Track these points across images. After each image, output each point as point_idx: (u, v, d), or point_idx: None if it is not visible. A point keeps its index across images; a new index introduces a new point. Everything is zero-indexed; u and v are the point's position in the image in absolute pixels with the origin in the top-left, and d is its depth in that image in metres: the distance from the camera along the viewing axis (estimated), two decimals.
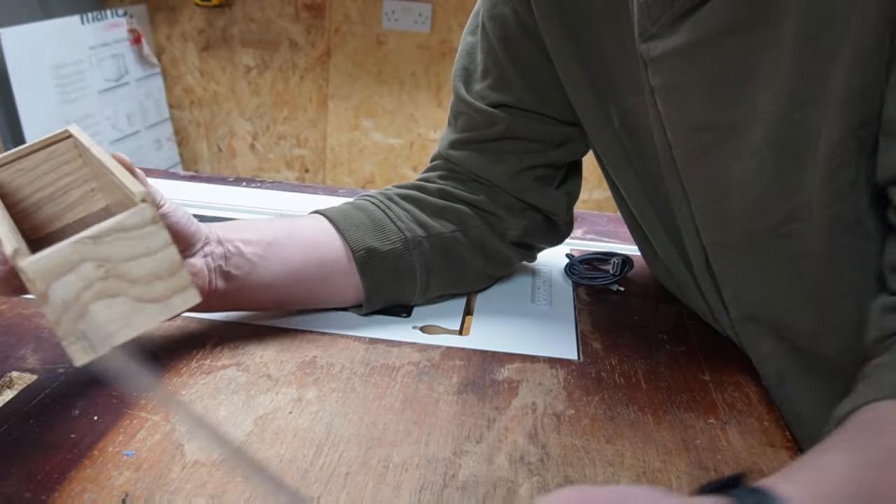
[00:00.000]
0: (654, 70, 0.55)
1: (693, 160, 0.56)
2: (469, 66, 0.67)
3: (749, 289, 0.59)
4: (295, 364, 0.58)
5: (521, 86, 0.64)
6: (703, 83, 0.52)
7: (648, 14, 0.53)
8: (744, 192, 0.53)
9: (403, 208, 0.66)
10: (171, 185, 0.98)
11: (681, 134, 0.56)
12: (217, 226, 0.59)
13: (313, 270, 0.62)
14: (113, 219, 0.35)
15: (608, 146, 0.64)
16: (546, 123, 0.66)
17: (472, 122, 0.67)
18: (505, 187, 0.68)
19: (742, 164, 0.53)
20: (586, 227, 0.94)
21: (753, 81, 0.50)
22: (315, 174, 2.41)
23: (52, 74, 1.90)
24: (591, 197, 2.15)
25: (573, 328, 0.68)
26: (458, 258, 0.68)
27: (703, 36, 0.50)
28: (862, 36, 0.43)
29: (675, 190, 0.60)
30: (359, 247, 0.62)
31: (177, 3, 2.28)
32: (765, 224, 0.53)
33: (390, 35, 2.18)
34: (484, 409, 0.55)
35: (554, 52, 0.62)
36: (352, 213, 0.64)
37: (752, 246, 0.56)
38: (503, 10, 0.63)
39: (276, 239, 0.60)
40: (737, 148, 0.52)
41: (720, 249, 0.59)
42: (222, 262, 0.57)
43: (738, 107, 0.51)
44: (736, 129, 0.52)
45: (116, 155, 0.45)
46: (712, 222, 0.58)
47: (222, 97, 2.37)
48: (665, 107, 0.55)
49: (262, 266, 0.59)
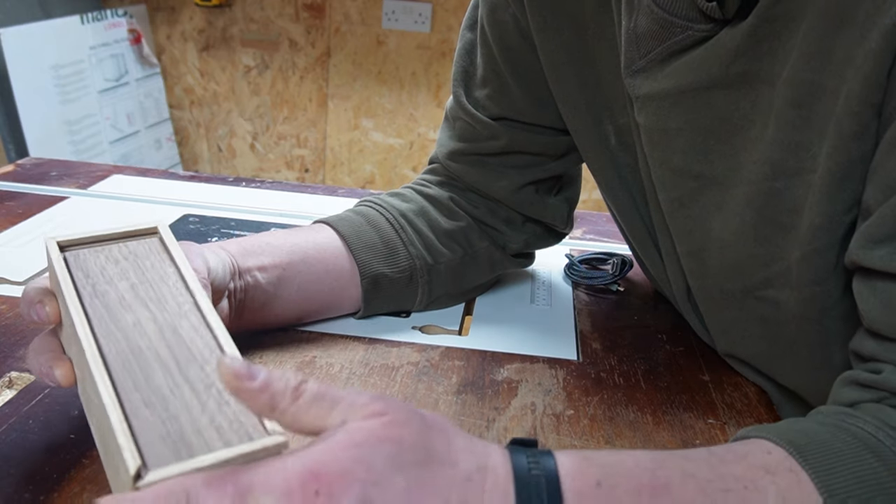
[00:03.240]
0: (639, 108, 0.54)
1: (677, 207, 0.55)
2: (469, 69, 0.66)
3: (729, 334, 0.58)
4: (294, 364, 0.58)
5: (522, 98, 0.63)
6: (688, 131, 0.51)
7: (637, 47, 0.52)
8: (722, 249, 0.52)
9: (415, 228, 0.65)
10: (171, 186, 0.98)
11: (664, 177, 0.55)
12: (233, 247, 0.57)
13: (324, 294, 0.62)
14: (245, 447, 0.32)
15: (603, 164, 0.63)
16: (546, 135, 0.65)
17: (473, 132, 0.66)
18: (506, 202, 0.67)
19: (722, 220, 0.51)
20: (586, 227, 0.94)
21: (740, 138, 0.48)
22: (315, 174, 2.41)
23: (52, 74, 1.90)
24: (591, 197, 2.15)
25: (572, 328, 0.68)
26: (463, 281, 0.68)
27: (690, 84, 0.49)
28: (845, 120, 0.41)
29: (661, 227, 0.59)
30: (367, 272, 0.62)
31: (177, 3, 2.28)
32: (741, 284, 0.52)
33: (390, 35, 2.18)
34: (483, 409, 0.55)
35: (549, 70, 0.61)
36: (365, 232, 0.63)
37: (729, 301, 0.55)
38: (503, 16, 0.62)
39: (290, 263, 0.59)
40: (718, 202, 0.51)
41: (703, 295, 0.58)
42: (242, 297, 0.57)
43: (722, 160, 0.50)
44: (718, 182, 0.51)
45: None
46: (694, 270, 0.57)
47: (222, 97, 2.37)
48: (649, 147, 0.55)
49: (277, 296, 0.59)
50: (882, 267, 0.40)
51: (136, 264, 0.42)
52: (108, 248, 0.43)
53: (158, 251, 0.44)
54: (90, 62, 2.03)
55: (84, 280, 0.41)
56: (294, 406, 0.32)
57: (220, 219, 0.87)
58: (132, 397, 0.34)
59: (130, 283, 0.41)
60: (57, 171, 1.00)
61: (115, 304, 0.39)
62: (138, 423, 0.33)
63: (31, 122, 1.83)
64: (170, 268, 0.42)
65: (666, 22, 0.49)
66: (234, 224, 0.86)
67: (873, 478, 0.35)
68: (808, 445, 0.37)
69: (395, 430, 0.31)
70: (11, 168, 1.01)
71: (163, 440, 0.32)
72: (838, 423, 0.39)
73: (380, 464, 0.30)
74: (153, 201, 0.92)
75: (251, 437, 0.33)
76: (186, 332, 0.38)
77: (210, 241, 0.80)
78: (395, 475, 0.30)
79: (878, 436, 0.37)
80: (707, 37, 0.48)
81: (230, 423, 0.33)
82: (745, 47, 0.46)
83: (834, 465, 0.36)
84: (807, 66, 0.43)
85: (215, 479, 0.29)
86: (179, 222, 0.85)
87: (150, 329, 0.38)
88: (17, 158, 1.48)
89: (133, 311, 0.39)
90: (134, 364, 0.36)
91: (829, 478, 0.35)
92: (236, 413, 0.34)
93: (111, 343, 0.37)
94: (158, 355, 0.37)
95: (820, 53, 0.42)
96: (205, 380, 0.36)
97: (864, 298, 0.42)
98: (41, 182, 0.95)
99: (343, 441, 0.31)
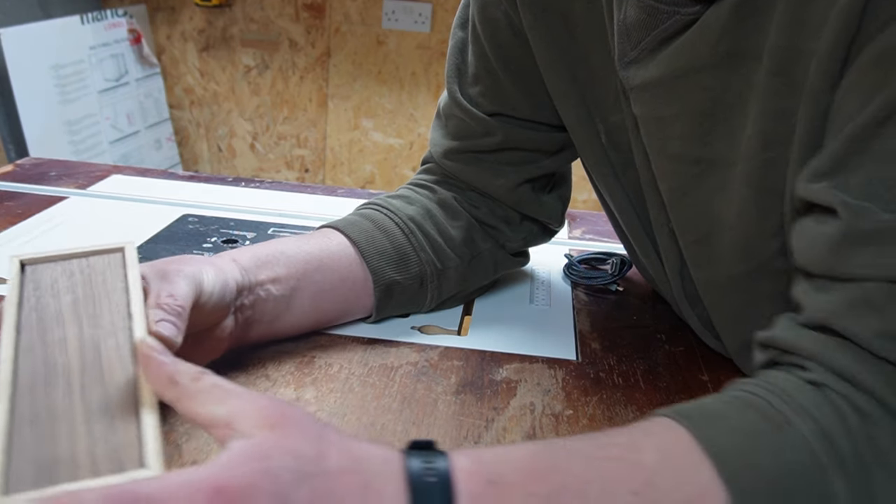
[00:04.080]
0: (634, 99, 0.54)
1: (680, 196, 0.54)
2: (461, 66, 0.66)
3: (742, 321, 0.57)
4: (293, 364, 0.58)
5: (516, 94, 0.63)
6: (684, 116, 0.51)
7: (628, 38, 0.52)
8: (729, 231, 0.52)
9: (425, 233, 0.64)
10: (170, 186, 0.98)
11: (664, 166, 0.54)
12: (245, 259, 0.56)
13: (338, 304, 0.62)
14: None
15: (597, 160, 0.62)
16: (541, 131, 0.65)
17: (467, 129, 0.66)
18: (504, 200, 0.67)
19: (726, 202, 0.51)
20: (585, 227, 0.94)
21: (735, 117, 0.48)
22: (315, 174, 2.41)
23: (52, 74, 1.91)
24: (591, 197, 2.15)
25: (572, 328, 0.68)
26: (469, 284, 0.68)
27: (682, 68, 0.49)
28: (817, 80, 0.41)
29: (659, 223, 0.59)
30: (381, 281, 0.62)
31: (177, 3, 2.28)
32: (754, 263, 0.52)
33: (390, 35, 2.19)
34: (482, 409, 0.55)
35: (543, 66, 0.61)
36: (377, 239, 0.63)
37: (737, 287, 0.54)
38: (494, 13, 0.61)
39: (305, 273, 0.58)
40: (720, 184, 0.51)
41: (710, 285, 0.58)
42: (251, 312, 0.55)
43: (720, 142, 0.50)
44: (718, 164, 0.50)
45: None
46: (700, 260, 0.56)
47: (222, 97, 2.37)
48: (647, 136, 0.54)
49: (289, 308, 0.58)
50: (818, 199, 0.40)
51: (88, 279, 0.43)
52: (68, 262, 0.44)
53: (117, 268, 0.44)
54: (90, 62, 2.03)
55: (32, 292, 0.41)
56: (193, 386, 0.34)
57: (219, 219, 0.87)
58: (23, 412, 0.35)
59: (74, 297, 0.41)
60: (56, 171, 1.00)
61: (51, 318, 0.40)
62: (18, 441, 0.33)
63: (31, 122, 1.83)
64: (120, 284, 0.42)
65: (653, 9, 0.49)
66: (233, 224, 0.86)
67: (750, 426, 0.37)
68: (691, 410, 0.38)
69: (295, 442, 0.32)
70: (10, 168, 1.01)
71: (32, 463, 0.32)
72: (729, 392, 0.41)
73: (284, 476, 0.30)
74: (152, 201, 0.92)
75: (123, 469, 0.33)
76: (107, 351, 0.38)
77: (209, 241, 0.81)
78: (299, 487, 0.30)
79: (759, 393, 0.39)
80: (694, 19, 0.48)
81: (108, 452, 0.33)
82: (731, 25, 0.46)
83: (714, 422, 0.37)
84: (784, 33, 0.43)
85: (114, 493, 0.29)
86: (178, 222, 0.85)
87: (72, 346, 0.38)
88: (16, 158, 1.48)
89: (63, 327, 0.40)
90: (41, 380, 0.36)
91: (709, 430, 0.37)
92: (119, 443, 0.34)
93: (28, 357, 0.37)
94: (69, 372, 0.37)
95: (796, 19, 0.42)
96: (105, 402, 0.36)
97: (797, 233, 0.43)
98: (40, 182, 0.95)
99: (245, 454, 0.31)
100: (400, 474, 0.33)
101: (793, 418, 0.36)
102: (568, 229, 0.92)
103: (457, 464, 0.34)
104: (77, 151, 1.99)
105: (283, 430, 0.32)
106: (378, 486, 0.32)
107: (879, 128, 0.38)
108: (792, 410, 0.37)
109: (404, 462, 0.33)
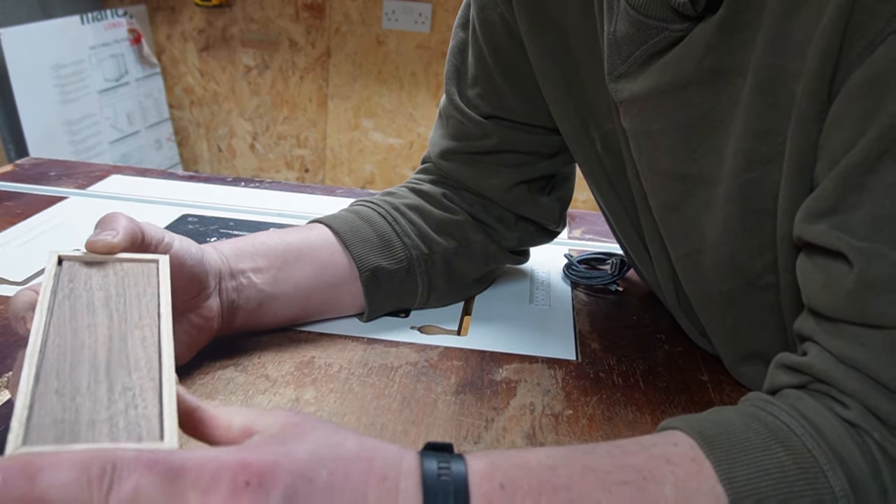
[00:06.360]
0: (623, 113, 0.54)
1: (668, 210, 0.54)
2: (461, 68, 0.66)
3: (741, 333, 0.57)
4: (293, 364, 0.58)
5: (512, 97, 0.63)
6: (671, 132, 0.50)
7: (618, 52, 0.52)
8: (714, 248, 0.51)
9: (409, 220, 0.65)
10: (169, 186, 0.98)
11: (653, 181, 0.54)
12: (226, 249, 0.58)
13: (322, 292, 0.62)
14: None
15: (592, 168, 0.63)
16: (538, 134, 0.65)
17: (465, 130, 0.66)
18: (498, 200, 0.68)
19: (712, 220, 0.51)
20: (585, 227, 0.94)
21: (720, 133, 0.48)
22: (315, 174, 2.41)
23: (52, 74, 1.91)
24: (591, 196, 2.15)
25: (571, 328, 0.68)
26: (460, 273, 0.68)
27: (669, 83, 0.49)
28: (804, 100, 0.41)
29: (651, 234, 0.59)
30: (365, 266, 0.62)
31: (177, 3, 2.28)
32: (741, 280, 0.51)
33: (390, 35, 2.19)
34: (482, 409, 0.55)
35: (538, 72, 0.61)
36: (359, 227, 0.63)
37: (730, 302, 0.54)
38: (492, 16, 0.62)
39: (285, 262, 0.59)
40: (706, 201, 0.51)
41: (702, 301, 0.57)
42: (235, 297, 0.57)
43: (706, 158, 0.49)
44: (704, 181, 0.50)
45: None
46: (690, 274, 0.56)
47: (222, 97, 2.37)
48: (637, 151, 0.54)
49: (274, 296, 0.59)
50: (821, 241, 0.40)
51: (122, 280, 0.44)
52: (103, 265, 0.45)
53: (150, 276, 0.45)
54: (90, 62, 2.03)
55: (66, 284, 0.43)
56: (212, 407, 0.36)
57: (219, 219, 0.87)
58: (49, 385, 0.36)
59: (106, 294, 0.43)
60: (56, 171, 1.00)
61: (82, 308, 0.41)
62: (40, 406, 0.34)
63: (31, 122, 1.83)
64: (151, 290, 0.44)
65: (642, 24, 0.49)
66: (232, 224, 0.86)
67: (778, 469, 0.35)
68: (716, 437, 0.37)
69: (314, 432, 0.34)
70: (10, 168, 1.01)
71: (54, 423, 0.33)
72: (755, 413, 0.39)
73: (304, 457, 0.32)
74: (152, 201, 0.92)
75: (140, 439, 0.33)
76: (133, 342, 0.40)
77: (209, 240, 0.81)
78: (319, 467, 0.32)
79: (791, 425, 0.37)
80: (683, 36, 0.48)
81: (128, 423, 0.34)
82: (717, 41, 0.46)
83: (739, 456, 0.36)
84: (769, 51, 0.43)
85: (146, 455, 0.30)
86: (178, 222, 0.85)
87: (101, 333, 0.40)
88: (16, 158, 1.48)
89: (94, 316, 0.41)
90: (67, 358, 0.37)
91: (732, 468, 0.35)
92: (140, 416, 0.35)
93: (57, 336, 0.39)
94: (95, 355, 0.38)
95: (781, 37, 0.42)
96: (127, 384, 0.36)
97: (805, 274, 0.42)
98: (40, 182, 0.95)
99: (267, 440, 0.33)
100: (416, 471, 0.33)
101: (825, 467, 0.35)
102: (568, 229, 0.92)
103: (473, 466, 0.34)
104: (77, 151, 1.99)
105: (303, 425, 0.34)
106: (395, 478, 0.33)
107: (876, 163, 0.37)
108: (824, 456, 0.36)
109: (420, 460, 0.34)
